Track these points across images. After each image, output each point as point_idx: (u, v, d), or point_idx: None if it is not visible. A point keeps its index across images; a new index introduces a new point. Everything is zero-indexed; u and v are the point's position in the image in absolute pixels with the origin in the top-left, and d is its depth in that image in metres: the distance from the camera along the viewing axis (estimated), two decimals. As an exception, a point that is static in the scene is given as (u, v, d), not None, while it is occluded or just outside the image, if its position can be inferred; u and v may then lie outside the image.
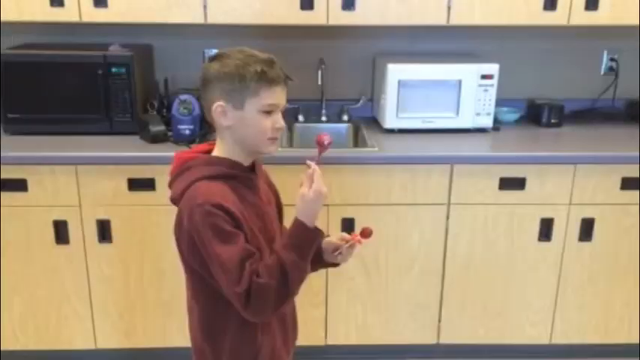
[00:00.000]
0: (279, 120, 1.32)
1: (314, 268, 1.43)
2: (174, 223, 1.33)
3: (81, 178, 2.20)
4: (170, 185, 1.37)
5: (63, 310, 2.36)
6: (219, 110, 1.29)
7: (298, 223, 1.27)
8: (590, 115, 2.77)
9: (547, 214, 2.31)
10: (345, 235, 1.46)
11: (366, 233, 1.41)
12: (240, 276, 1.22)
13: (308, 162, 1.30)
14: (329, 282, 2.37)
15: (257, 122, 1.29)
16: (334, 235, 1.47)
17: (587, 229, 2.33)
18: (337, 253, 1.45)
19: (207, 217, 1.23)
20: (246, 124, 1.29)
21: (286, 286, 1.25)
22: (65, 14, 2.28)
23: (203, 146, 1.41)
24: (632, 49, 2.75)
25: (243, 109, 1.28)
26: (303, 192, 1.26)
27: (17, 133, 2.37)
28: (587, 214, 2.31)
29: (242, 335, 1.36)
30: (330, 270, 2.31)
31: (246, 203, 1.32)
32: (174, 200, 1.33)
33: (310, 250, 1.28)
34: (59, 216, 2.23)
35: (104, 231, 2.25)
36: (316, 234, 1.28)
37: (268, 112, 1.30)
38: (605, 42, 2.76)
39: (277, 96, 1.30)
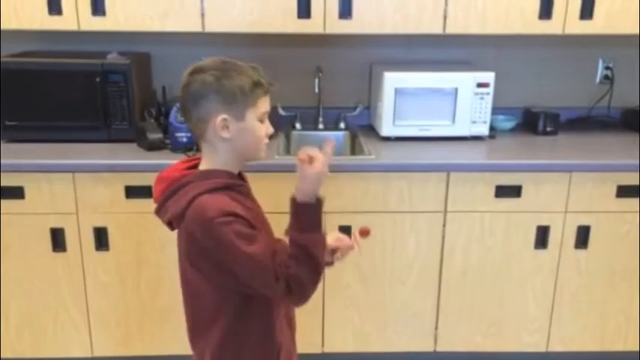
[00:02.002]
0: (269, 126, 1.37)
1: None
2: (184, 247, 1.30)
3: (78, 186, 2.20)
4: (159, 210, 1.34)
5: (60, 318, 2.35)
6: (223, 124, 1.28)
7: (303, 204, 1.26)
8: (585, 123, 2.79)
9: (543, 222, 2.31)
10: (342, 236, 1.47)
11: (364, 233, 1.42)
12: (276, 271, 1.24)
13: (332, 141, 1.31)
14: (326, 289, 2.37)
15: (256, 131, 1.32)
16: (330, 236, 1.47)
17: (583, 237, 2.33)
18: (336, 255, 1.47)
19: (226, 227, 1.22)
20: (246, 133, 1.31)
21: (316, 265, 1.27)
22: (63, 23, 2.29)
23: (182, 164, 1.38)
24: (627, 57, 2.77)
25: (244, 119, 1.29)
26: (322, 171, 1.26)
27: (15, 141, 2.38)
28: (583, 222, 2.32)
29: (263, 343, 1.38)
30: (327, 277, 2.33)
31: (247, 210, 1.32)
32: (173, 221, 1.30)
33: (321, 220, 1.29)
34: (56, 223, 2.23)
35: (101, 238, 2.26)
36: (321, 204, 1.28)
37: (262, 120, 1.33)
38: (600, 50, 2.78)
39: (268, 103, 1.35)
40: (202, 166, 1.34)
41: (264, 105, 1.32)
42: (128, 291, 2.34)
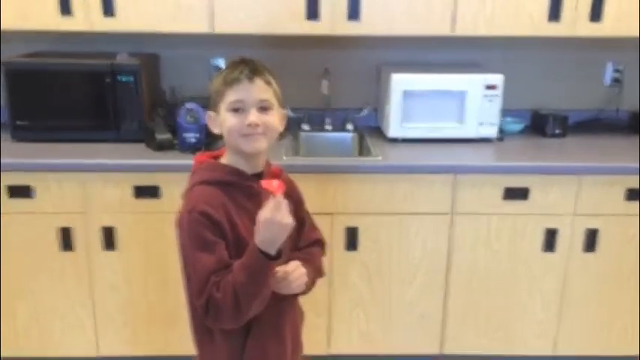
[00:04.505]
0: (249, 116, 1.33)
1: None
2: (175, 222, 1.38)
3: (87, 186, 2.21)
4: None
5: (67, 317, 2.37)
6: (209, 119, 1.41)
7: (253, 247, 1.25)
8: (594, 126, 2.77)
9: (551, 225, 2.30)
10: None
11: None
12: (203, 288, 1.28)
13: (278, 194, 1.25)
14: (332, 290, 2.37)
15: (227, 121, 1.35)
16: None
17: (591, 240, 2.32)
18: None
19: (191, 224, 1.29)
20: (222, 125, 1.37)
21: (237, 305, 1.26)
22: (74, 23, 2.31)
23: (221, 151, 1.46)
24: (637, 60, 2.75)
25: (219, 113, 1.37)
26: (267, 217, 1.22)
27: (25, 140, 2.39)
28: (592, 225, 2.31)
29: (227, 337, 1.38)
30: (334, 278, 2.34)
31: (243, 210, 1.35)
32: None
33: (262, 276, 1.26)
34: (65, 223, 2.25)
35: (109, 238, 2.27)
36: (265, 263, 1.24)
37: (236, 110, 1.34)
38: (609, 53, 2.76)
39: (241, 93, 1.33)
40: (221, 158, 1.42)
41: (231, 95, 1.33)
42: (135, 291, 2.34)
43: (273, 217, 1.23)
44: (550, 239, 2.32)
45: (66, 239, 2.26)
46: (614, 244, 2.33)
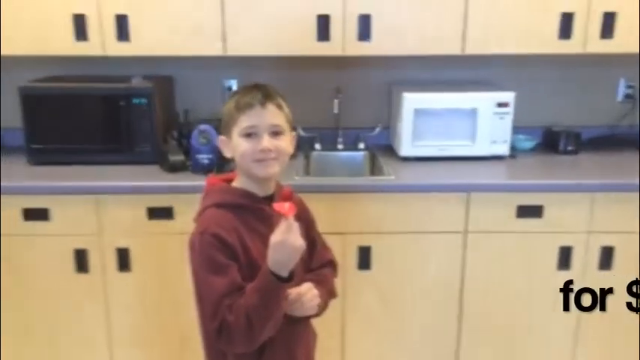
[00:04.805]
0: (261, 141, 1.35)
1: None
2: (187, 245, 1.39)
3: (102, 207, 2.23)
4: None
5: (82, 339, 2.37)
6: (222, 143, 1.42)
7: (265, 269, 1.26)
8: (607, 142, 2.75)
9: (566, 243, 2.28)
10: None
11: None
12: (216, 311, 1.28)
13: (290, 216, 1.26)
14: (345, 311, 2.35)
15: (239, 147, 1.36)
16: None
17: (606, 258, 2.29)
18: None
19: (203, 246, 1.30)
20: (235, 150, 1.38)
21: (250, 328, 1.26)
22: (89, 48, 2.35)
23: (232, 174, 1.47)
24: (650, 76, 2.75)
25: (231, 138, 1.38)
26: (279, 240, 1.24)
27: (41, 164, 2.43)
28: (607, 243, 2.28)
29: (242, 357, 1.38)
30: (347, 298, 2.32)
31: (255, 233, 1.36)
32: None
33: (274, 298, 1.26)
34: (80, 245, 2.26)
35: (123, 259, 2.28)
36: (277, 285, 1.25)
37: (249, 135, 1.35)
38: (621, 69, 2.76)
39: (253, 118, 1.35)
40: (233, 182, 1.44)
41: (244, 121, 1.35)
42: (149, 312, 2.35)
43: (285, 240, 1.24)
44: (565, 257, 2.29)
45: (81, 261, 2.28)
46: (630, 261, 2.30)
